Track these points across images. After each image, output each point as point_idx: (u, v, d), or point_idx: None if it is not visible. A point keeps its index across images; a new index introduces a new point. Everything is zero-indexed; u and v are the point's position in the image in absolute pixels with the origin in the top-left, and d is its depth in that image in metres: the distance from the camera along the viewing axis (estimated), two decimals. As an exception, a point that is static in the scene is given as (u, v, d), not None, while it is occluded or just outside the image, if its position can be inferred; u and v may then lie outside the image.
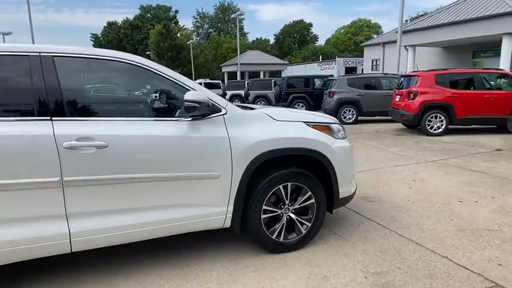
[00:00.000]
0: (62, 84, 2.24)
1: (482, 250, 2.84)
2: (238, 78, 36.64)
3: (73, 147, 2.17)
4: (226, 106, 2.63)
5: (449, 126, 8.46)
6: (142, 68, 2.46)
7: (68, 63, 2.32)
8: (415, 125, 8.73)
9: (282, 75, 33.83)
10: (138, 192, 2.37)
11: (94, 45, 78.20)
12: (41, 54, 2.25)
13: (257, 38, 74.63)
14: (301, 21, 72.14)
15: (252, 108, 2.94)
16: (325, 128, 2.95)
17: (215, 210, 2.60)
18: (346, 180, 3.05)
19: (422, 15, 22.28)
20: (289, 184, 2.79)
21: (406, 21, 25.86)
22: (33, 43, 24.80)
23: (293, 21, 72.00)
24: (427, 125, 8.39)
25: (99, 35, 77.73)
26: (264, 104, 17.94)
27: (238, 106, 2.87)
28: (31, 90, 2.18)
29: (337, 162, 2.92)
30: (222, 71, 46.16)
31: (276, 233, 2.81)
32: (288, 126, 2.79)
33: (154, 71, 2.49)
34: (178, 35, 54.76)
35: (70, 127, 2.22)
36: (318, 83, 14.75)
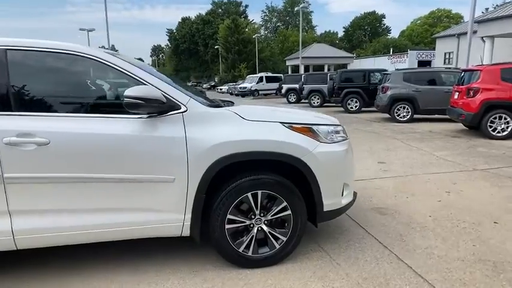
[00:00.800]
0: (11, 78, 2.22)
1: (497, 291, 2.25)
2: (301, 71, 35.98)
3: (12, 143, 2.13)
4: (187, 103, 2.41)
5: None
6: (93, 59, 2.34)
7: (20, 57, 2.29)
8: (475, 126, 7.56)
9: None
10: (83, 193, 2.27)
11: (169, 40, 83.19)
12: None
13: (325, 31, 72.56)
14: (373, 12, 68.30)
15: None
16: (307, 130, 2.57)
17: (170, 216, 2.41)
18: (333, 190, 2.65)
19: (507, 3, 19.39)
20: (259, 192, 2.49)
21: (487, 9, 22.78)
22: (108, 39, 26.96)
23: (364, 13, 68.39)
24: (488, 127, 7.20)
25: (174, 30, 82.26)
26: (318, 99, 17.32)
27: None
28: None
29: (321, 169, 2.54)
30: (286, 64, 45.73)
31: (243, 246, 2.54)
32: (258, 127, 2.48)
33: (106, 62, 2.34)
34: (246, 30, 55.55)
35: (11, 122, 2.17)
36: (375, 77, 13.67)
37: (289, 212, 2.56)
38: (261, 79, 28.73)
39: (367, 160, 5.82)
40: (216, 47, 58.71)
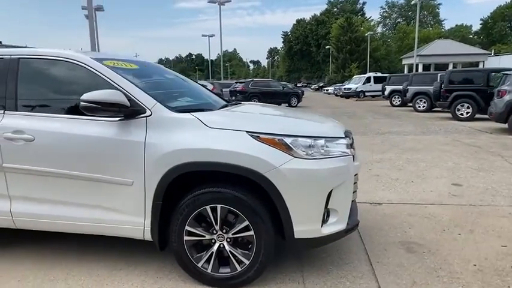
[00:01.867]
0: (19, 82, 2.55)
1: None
2: (419, 70, 32.53)
3: (9, 138, 2.43)
4: (153, 107, 2.33)
5: None
6: (75, 63, 2.48)
7: (26, 64, 2.59)
8: None
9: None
10: (57, 186, 2.44)
11: (283, 42, 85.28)
12: (11, 56, 2.60)
13: (456, 25, 63.72)
14: (523, -1, 56.77)
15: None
16: (277, 142, 2.21)
17: (132, 219, 2.38)
18: (307, 215, 2.22)
19: None
20: (218, 206, 2.25)
21: None
22: (221, 43, 29.24)
23: (510, 1, 57.44)
24: None
25: (288, 32, 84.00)
26: (424, 102, 15.33)
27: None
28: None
29: (290, 189, 2.16)
30: (402, 63, 41.81)
31: (202, 261, 2.34)
32: (219, 135, 2.24)
33: (85, 66, 2.46)
34: (362, 28, 52.98)
35: (12, 120, 2.48)
36: (496, 78, 11.27)
37: (251, 232, 2.25)
38: (368, 80, 26.95)
39: (439, 180, 4.81)
40: (327, 47, 57.62)
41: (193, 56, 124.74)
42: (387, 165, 5.75)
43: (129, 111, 2.30)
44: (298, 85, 46.23)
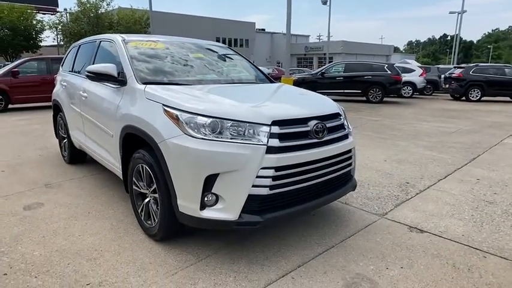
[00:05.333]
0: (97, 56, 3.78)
1: None
2: None
3: (83, 96, 3.70)
4: (129, 79, 2.94)
5: None
6: (112, 42, 3.45)
7: (101, 44, 3.79)
8: None
9: None
10: (93, 128, 3.56)
11: None
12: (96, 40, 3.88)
13: None
14: None
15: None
16: (174, 118, 2.32)
17: (114, 162, 3.19)
18: (185, 192, 2.27)
19: None
20: (144, 166, 2.62)
21: None
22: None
23: None
24: None
25: None
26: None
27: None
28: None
29: (172, 163, 2.30)
30: None
31: (139, 208, 2.81)
32: (146, 105, 2.59)
33: (115, 44, 3.37)
34: None
35: (82, 82, 3.76)
36: None
37: (157, 195, 2.51)
38: None
39: None
40: None
41: (448, 38, 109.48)
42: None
43: (118, 81, 2.99)
44: None
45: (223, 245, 2.62)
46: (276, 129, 2.27)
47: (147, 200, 2.71)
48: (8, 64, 13.34)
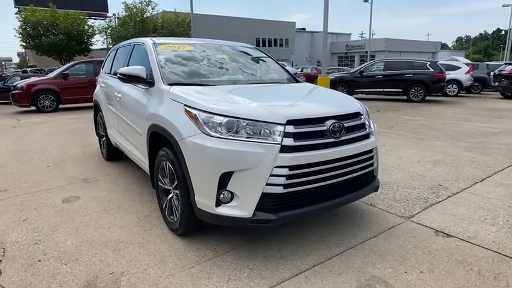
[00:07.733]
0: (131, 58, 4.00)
1: None
2: None
3: (118, 97, 3.93)
4: (156, 80, 3.09)
5: None
6: (143, 45, 3.62)
7: (135, 47, 4.00)
8: None
9: None
10: (127, 126, 3.73)
11: None
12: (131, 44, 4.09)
13: None
14: None
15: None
16: (193, 117, 2.41)
17: (143, 158, 3.34)
18: (202, 188, 2.35)
19: None
20: (168, 163, 2.75)
21: None
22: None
23: None
24: None
25: None
26: None
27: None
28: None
29: (190, 160, 2.39)
30: None
31: (164, 204, 2.94)
32: (169, 105, 2.70)
33: (146, 48, 3.54)
34: None
35: (117, 83, 3.96)
36: None
37: (178, 191, 2.62)
38: None
39: None
40: None
41: (502, 32, 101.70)
42: None
43: (147, 82, 3.15)
44: None
45: (242, 242, 2.67)
46: (290, 129, 2.28)
47: (170, 196, 2.84)
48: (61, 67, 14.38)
